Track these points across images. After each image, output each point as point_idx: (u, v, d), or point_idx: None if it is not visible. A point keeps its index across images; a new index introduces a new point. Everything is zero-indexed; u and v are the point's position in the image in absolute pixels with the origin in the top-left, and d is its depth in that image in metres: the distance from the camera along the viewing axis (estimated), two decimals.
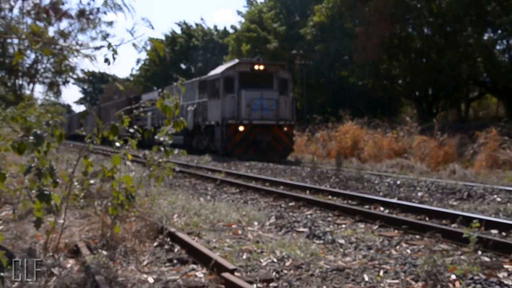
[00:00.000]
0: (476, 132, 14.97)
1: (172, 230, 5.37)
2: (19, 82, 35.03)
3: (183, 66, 59.84)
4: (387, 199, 7.93)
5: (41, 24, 26.98)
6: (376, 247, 5.18)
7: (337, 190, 9.32)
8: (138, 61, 62.94)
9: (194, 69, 56.81)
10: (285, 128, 19.04)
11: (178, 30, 60.47)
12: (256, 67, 19.22)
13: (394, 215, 6.71)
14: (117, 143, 4.76)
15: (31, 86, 35.80)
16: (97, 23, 32.01)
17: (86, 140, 4.71)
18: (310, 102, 36.27)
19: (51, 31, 30.91)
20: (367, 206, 7.68)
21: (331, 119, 22.46)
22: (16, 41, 29.40)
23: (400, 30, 29.81)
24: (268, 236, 5.64)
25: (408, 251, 5.07)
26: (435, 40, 29.00)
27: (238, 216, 6.73)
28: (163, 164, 5.49)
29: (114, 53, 4.34)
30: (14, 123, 4.84)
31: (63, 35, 32.25)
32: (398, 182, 10.45)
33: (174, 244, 5.14)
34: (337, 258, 4.73)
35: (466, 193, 8.78)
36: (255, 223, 6.42)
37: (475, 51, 26.11)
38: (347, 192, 8.91)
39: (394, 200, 7.87)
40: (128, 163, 5.08)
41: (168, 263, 4.54)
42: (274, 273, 4.22)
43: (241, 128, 18.47)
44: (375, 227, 6.24)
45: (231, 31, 51.27)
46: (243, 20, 46.82)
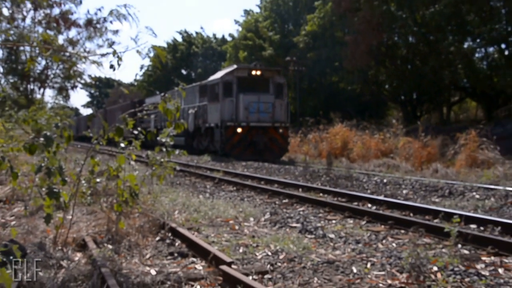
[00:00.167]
0: (457, 134, 15.00)
1: (173, 225, 5.37)
2: (31, 87, 34.96)
3: (184, 72, 59.72)
4: (374, 196, 7.94)
5: (51, 33, 26.91)
6: (364, 241, 5.19)
7: (327, 188, 9.32)
8: (141, 67, 62.73)
9: (194, 74, 56.68)
10: (280, 130, 19.01)
11: (179, 38, 60.40)
12: (253, 72, 19.16)
13: (381, 211, 6.72)
14: (122, 144, 4.76)
15: (41, 90, 35.77)
16: (103, 32, 32.08)
17: (93, 141, 4.70)
18: (302, 105, 36.29)
19: (61, 39, 30.98)
20: (355, 203, 7.68)
21: (323, 122, 22.48)
22: (28, 48, 29.33)
23: (386, 38, 29.92)
24: (263, 231, 5.65)
25: (394, 244, 5.08)
26: (419, 48, 29.10)
27: (235, 212, 6.72)
28: (165, 163, 5.48)
29: (119, 59, 4.33)
30: (25, 125, 4.85)
31: (72, 43, 32.27)
32: (385, 181, 10.47)
33: (175, 238, 5.14)
34: (327, 252, 4.74)
35: (448, 190, 8.81)
36: (251, 219, 6.42)
37: (456, 58, 26.22)
38: (337, 190, 8.91)
39: (381, 197, 7.88)
40: (132, 162, 5.08)
41: (169, 257, 4.54)
42: (268, 265, 4.22)
43: (239, 130, 18.44)
44: (363, 223, 6.25)
45: (229, 39, 51.21)
46: (240, 29, 46.81)
